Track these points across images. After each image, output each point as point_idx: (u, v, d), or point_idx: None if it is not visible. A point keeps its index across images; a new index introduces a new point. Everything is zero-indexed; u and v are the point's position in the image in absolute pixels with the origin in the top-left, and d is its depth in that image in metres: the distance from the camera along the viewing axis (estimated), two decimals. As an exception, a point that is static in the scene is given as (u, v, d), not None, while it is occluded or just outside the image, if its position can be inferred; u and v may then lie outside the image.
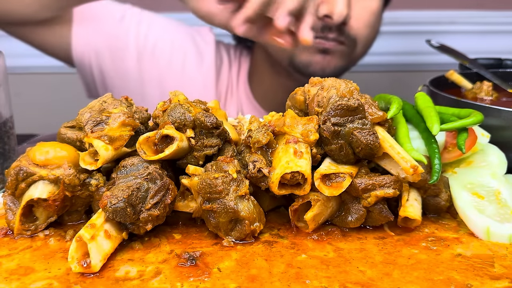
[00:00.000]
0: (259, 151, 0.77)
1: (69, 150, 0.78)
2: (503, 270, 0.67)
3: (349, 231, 0.78)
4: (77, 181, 0.75)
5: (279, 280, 0.64)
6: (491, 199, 0.80)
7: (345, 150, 0.75)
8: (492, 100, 1.17)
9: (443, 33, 2.44)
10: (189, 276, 0.65)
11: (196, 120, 0.76)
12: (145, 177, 0.72)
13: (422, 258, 0.70)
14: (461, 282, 0.64)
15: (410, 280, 0.65)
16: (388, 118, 0.81)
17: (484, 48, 2.25)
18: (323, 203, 0.75)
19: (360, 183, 0.75)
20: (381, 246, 0.73)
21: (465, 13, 2.48)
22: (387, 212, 0.77)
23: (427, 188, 0.80)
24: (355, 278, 0.65)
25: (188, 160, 0.78)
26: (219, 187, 0.71)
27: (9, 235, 0.76)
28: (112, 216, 0.69)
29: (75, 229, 0.76)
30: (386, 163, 0.79)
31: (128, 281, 0.64)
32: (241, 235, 0.73)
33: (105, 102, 0.82)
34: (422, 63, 2.45)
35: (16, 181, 0.75)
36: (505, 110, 0.95)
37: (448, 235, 0.76)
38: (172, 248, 0.72)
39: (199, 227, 0.78)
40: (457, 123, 0.86)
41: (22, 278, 0.65)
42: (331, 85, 0.80)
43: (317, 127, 0.77)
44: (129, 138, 0.77)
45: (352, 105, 0.74)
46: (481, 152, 0.90)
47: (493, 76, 1.27)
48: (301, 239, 0.75)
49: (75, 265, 0.65)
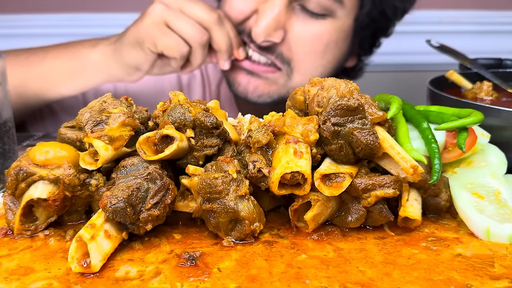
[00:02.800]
0: (259, 151, 0.77)
1: (69, 150, 0.78)
2: (503, 270, 0.67)
3: (349, 231, 0.78)
4: (77, 181, 0.75)
5: (279, 280, 0.64)
6: (491, 199, 0.80)
7: (345, 150, 0.75)
8: (492, 100, 1.17)
9: (443, 33, 2.43)
10: (189, 276, 0.65)
11: (196, 120, 0.76)
12: (145, 177, 0.72)
13: (422, 258, 0.70)
14: (461, 282, 0.64)
15: (410, 280, 0.65)
16: (388, 118, 0.81)
17: (484, 48, 2.24)
18: (323, 203, 0.75)
19: (360, 183, 0.75)
20: (381, 246, 0.73)
21: (465, 13, 2.48)
22: (387, 212, 0.77)
23: (427, 188, 0.80)
24: (355, 278, 0.65)
25: (188, 160, 0.78)
26: (219, 187, 0.71)
27: (9, 235, 0.76)
28: (112, 216, 0.69)
29: (75, 229, 0.76)
30: (386, 163, 0.79)
31: (128, 281, 0.64)
32: (241, 235, 0.73)
33: (105, 102, 0.82)
34: (422, 63, 2.45)
35: (16, 181, 0.75)
36: (505, 110, 0.95)
37: (448, 235, 0.76)
38: (172, 248, 0.72)
39: (199, 227, 0.78)
40: (457, 122, 0.86)
41: (22, 278, 0.65)
42: (331, 85, 0.80)
43: (317, 127, 0.77)
44: (129, 138, 0.77)
45: (352, 105, 0.74)
46: (481, 152, 0.90)
47: (493, 76, 1.27)
48: (301, 239, 0.75)
49: (75, 265, 0.65)
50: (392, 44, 2.49)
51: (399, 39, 2.50)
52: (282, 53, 1.42)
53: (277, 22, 1.35)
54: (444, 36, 2.27)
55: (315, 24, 1.40)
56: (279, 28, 1.37)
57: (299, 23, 1.39)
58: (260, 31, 1.34)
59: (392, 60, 2.54)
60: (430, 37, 1.52)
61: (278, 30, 1.37)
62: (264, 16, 1.34)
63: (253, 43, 1.41)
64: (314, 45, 1.42)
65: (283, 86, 1.47)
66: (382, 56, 2.52)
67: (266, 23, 1.33)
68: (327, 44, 1.43)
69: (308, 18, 1.39)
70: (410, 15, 2.22)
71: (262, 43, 1.38)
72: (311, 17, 1.39)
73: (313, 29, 1.40)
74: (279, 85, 1.47)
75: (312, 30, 1.40)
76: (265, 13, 1.35)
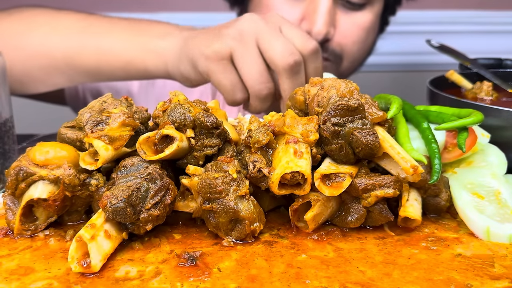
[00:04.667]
0: (259, 151, 0.77)
1: (69, 150, 0.78)
2: (503, 270, 0.67)
3: (349, 231, 0.78)
4: (77, 181, 0.75)
5: (279, 280, 0.64)
6: (491, 199, 0.80)
7: (345, 150, 0.75)
8: (492, 100, 1.17)
9: (443, 33, 2.43)
10: (189, 276, 0.65)
11: (196, 120, 0.76)
12: (145, 177, 0.72)
13: (422, 258, 0.70)
14: (461, 282, 0.64)
15: (410, 280, 0.65)
16: (388, 118, 0.81)
17: (484, 48, 2.25)
18: (323, 203, 0.75)
19: (360, 183, 0.75)
20: (381, 246, 0.73)
21: (465, 13, 2.48)
22: (387, 212, 0.77)
23: (427, 188, 0.80)
24: (355, 278, 0.65)
25: (188, 160, 0.78)
26: (219, 187, 0.71)
27: (9, 235, 0.76)
28: (112, 216, 0.69)
29: (75, 229, 0.76)
30: (386, 163, 0.79)
31: (128, 281, 0.64)
32: (241, 235, 0.73)
33: (105, 102, 0.82)
34: (422, 63, 2.45)
35: (16, 181, 0.75)
36: (505, 110, 0.95)
37: (448, 235, 0.76)
38: (172, 248, 0.72)
39: (199, 227, 0.78)
40: (457, 122, 0.86)
41: (22, 278, 0.65)
42: (331, 85, 0.80)
43: (317, 127, 0.77)
44: (129, 138, 0.77)
45: (352, 105, 0.74)
46: (481, 152, 0.90)
47: (493, 76, 1.27)
48: (301, 239, 0.75)
49: (75, 265, 0.65)
50: (392, 44, 2.50)
51: (399, 39, 2.50)
52: (333, 49, 1.46)
53: (331, 16, 1.39)
54: (444, 36, 2.27)
55: (358, 15, 1.46)
56: (332, 24, 1.41)
57: (345, 17, 1.44)
58: (321, 27, 1.36)
59: (392, 60, 2.54)
60: (430, 37, 1.52)
61: (331, 26, 1.41)
62: (318, 13, 1.37)
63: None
64: (359, 35, 1.48)
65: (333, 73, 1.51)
66: (382, 56, 2.52)
67: (323, 18, 1.37)
68: (368, 32, 1.50)
69: (351, 11, 1.45)
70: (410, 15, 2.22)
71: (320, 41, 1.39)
72: (353, 9, 1.45)
73: (357, 20, 1.46)
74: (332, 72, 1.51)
75: (356, 21, 1.46)
76: (317, 10, 1.38)
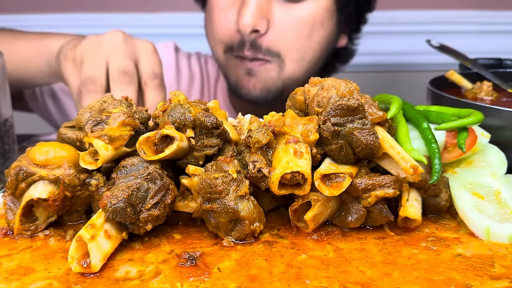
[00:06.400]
0: (259, 151, 0.77)
1: (69, 150, 0.78)
2: (503, 270, 0.67)
3: (349, 231, 0.78)
4: (77, 181, 0.75)
5: (279, 280, 0.64)
6: (491, 199, 0.80)
7: (345, 150, 0.75)
8: (492, 100, 1.17)
9: (443, 33, 2.44)
10: (189, 276, 0.65)
11: (196, 120, 0.76)
12: (145, 177, 0.72)
13: (422, 258, 0.70)
14: (461, 282, 0.64)
15: (410, 280, 0.65)
16: (388, 118, 0.81)
17: (484, 48, 2.25)
18: (323, 203, 0.75)
19: (360, 183, 0.75)
20: (381, 246, 0.73)
21: (465, 13, 2.48)
22: (387, 212, 0.77)
23: (427, 188, 0.80)
24: (355, 278, 0.65)
25: (188, 160, 0.78)
26: (219, 187, 0.71)
27: (9, 235, 0.76)
28: (112, 216, 0.69)
29: (75, 229, 0.76)
30: (386, 163, 0.79)
31: (128, 281, 0.64)
32: (241, 235, 0.73)
33: (105, 102, 0.82)
34: (422, 63, 2.45)
35: (16, 181, 0.75)
36: (505, 110, 0.95)
37: (448, 235, 0.76)
38: (172, 248, 0.72)
39: (199, 227, 0.78)
40: (457, 122, 0.86)
41: (22, 278, 0.65)
42: (331, 85, 0.80)
43: (317, 127, 0.77)
44: (129, 138, 0.77)
45: (352, 105, 0.74)
46: (481, 152, 0.90)
47: (493, 76, 1.27)
48: (301, 239, 0.75)
49: (75, 265, 0.65)
50: (392, 44, 2.50)
51: (399, 39, 2.50)
52: (269, 47, 1.40)
53: (260, 9, 1.33)
54: (444, 36, 2.28)
55: (297, 8, 1.38)
56: (263, 16, 1.35)
57: (280, 10, 1.38)
58: (247, 20, 1.32)
59: (392, 60, 2.54)
60: (430, 37, 1.52)
61: (262, 19, 1.35)
62: (247, 5, 1.33)
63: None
64: (299, 29, 1.40)
65: (277, 78, 1.45)
66: (382, 56, 2.52)
67: (252, 10, 1.32)
68: (312, 26, 1.41)
69: (288, 4, 1.38)
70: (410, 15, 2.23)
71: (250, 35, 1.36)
72: (291, 2, 1.38)
73: (296, 13, 1.38)
74: (273, 78, 1.44)
75: (294, 14, 1.38)
76: (246, 1, 1.34)
